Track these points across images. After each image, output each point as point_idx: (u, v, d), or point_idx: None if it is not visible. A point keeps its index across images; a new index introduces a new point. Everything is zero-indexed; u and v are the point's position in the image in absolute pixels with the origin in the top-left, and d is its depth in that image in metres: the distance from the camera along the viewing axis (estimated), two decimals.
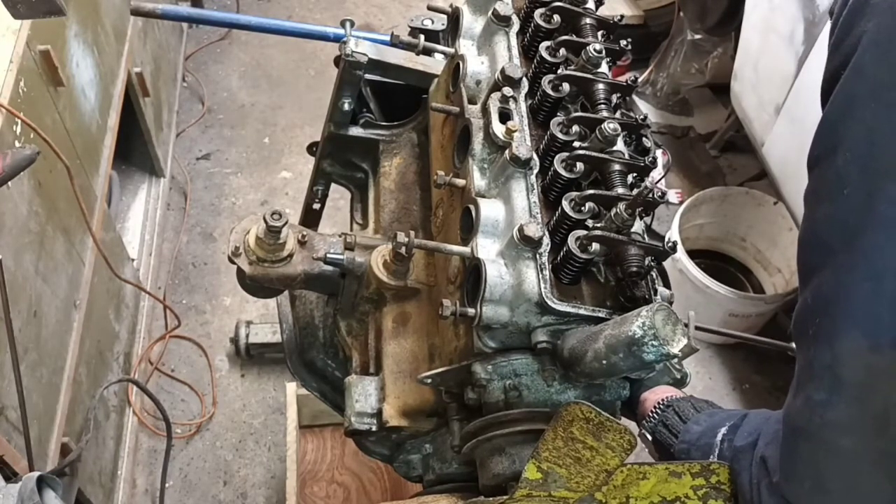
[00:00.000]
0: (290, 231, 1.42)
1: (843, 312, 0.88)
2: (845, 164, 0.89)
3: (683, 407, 1.26)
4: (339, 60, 1.52)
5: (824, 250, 0.91)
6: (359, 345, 1.52)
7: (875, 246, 0.85)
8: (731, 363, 3.12)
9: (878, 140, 0.86)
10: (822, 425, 0.91)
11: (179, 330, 3.02)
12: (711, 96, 3.86)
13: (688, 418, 1.23)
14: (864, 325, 0.86)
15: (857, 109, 0.89)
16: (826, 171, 0.92)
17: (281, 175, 3.63)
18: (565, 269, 1.14)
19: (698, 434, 1.19)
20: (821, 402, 0.91)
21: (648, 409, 1.30)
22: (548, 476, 1.06)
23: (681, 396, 1.30)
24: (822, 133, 0.94)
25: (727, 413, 1.21)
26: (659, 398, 1.30)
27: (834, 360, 0.88)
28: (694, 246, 3.22)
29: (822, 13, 2.33)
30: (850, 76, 0.90)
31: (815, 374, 0.92)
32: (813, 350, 0.92)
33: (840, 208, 0.90)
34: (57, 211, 2.02)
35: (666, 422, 1.25)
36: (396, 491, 2.42)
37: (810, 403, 0.92)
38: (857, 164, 0.88)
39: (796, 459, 0.96)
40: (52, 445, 1.91)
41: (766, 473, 1.01)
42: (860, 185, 0.87)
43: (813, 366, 0.93)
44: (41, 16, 1.42)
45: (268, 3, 4.44)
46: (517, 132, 1.23)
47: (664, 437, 1.25)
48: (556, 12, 1.41)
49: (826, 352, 0.89)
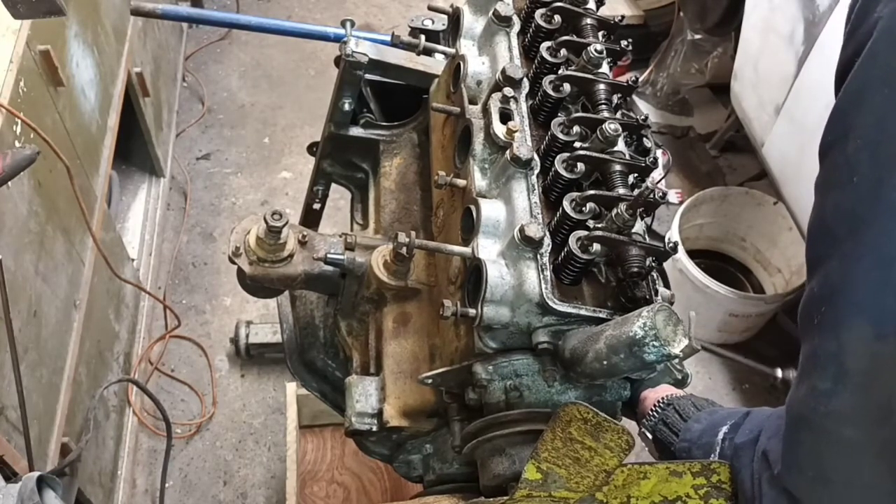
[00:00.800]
0: (291, 231, 1.42)
1: (849, 300, 0.87)
2: (856, 152, 0.87)
3: (684, 405, 1.25)
4: (340, 60, 1.52)
5: (832, 238, 0.90)
6: (359, 345, 1.52)
7: (883, 233, 0.84)
8: (730, 363, 3.12)
9: (890, 127, 0.85)
10: (825, 414, 0.90)
11: (179, 330, 3.02)
12: (711, 96, 3.86)
13: (688, 416, 1.23)
14: (870, 313, 0.84)
15: (870, 96, 0.87)
16: (836, 158, 0.91)
17: (281, 175, 3.63)
18: (566, 269, 1.14)
19: (699, 432, 1.18)
20: (825, 391, 0.89)
21: (649, 407, 1.29)
22: (547, 476, 1.06)
23: (681, 395, 1.30)
24: (833, 120, 0.93)
25: (728, 411, 1.21)
26: (659, 396, 1.29)
27: (839, 349, 0.87)
28: (694, 246, 3.22)
29: (821, 13, 2.33)
30: (864, 63, 0.89)
31: (819, 363, 0.91)
32: (818, 339, 0.91)
33: (849, 196, 0.88)
34: (57, 211, 2.02)
35: (666, 420, 1.25)
36: (396, 491, 2.42)
37: (814, 393, 0.91)
38: (867, 151, 0.86)
39: (798, 449, 0.96)
40: (52, 445, 1.91)
41: (768, 466, 1.00)
42: (870, 172, 0.86)
43: (818, 355, 0.91)
44: (41, 16, 1.42)
45: (268, 3, 4.44)
46: (518, 132, 1.23)
47: (665, 435, 1.24)
48: (557, 13, 1.41)
49: (832, 340, 0.88)
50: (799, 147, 2.55)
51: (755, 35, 2.80)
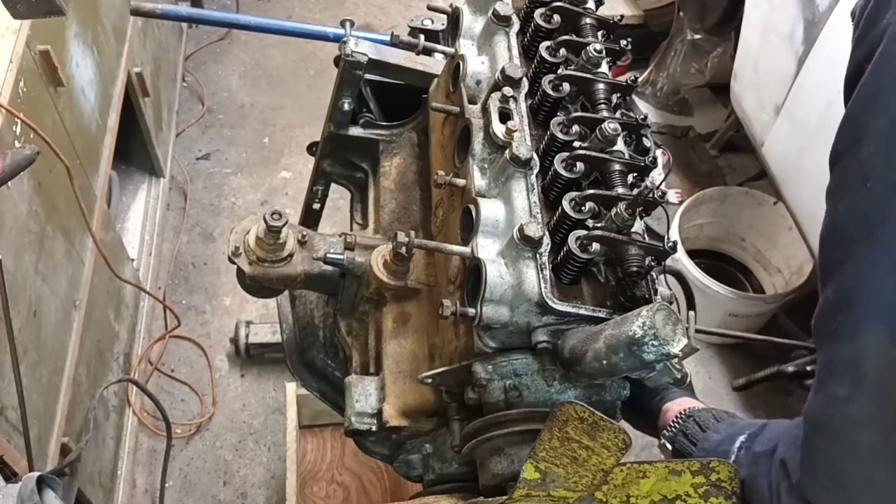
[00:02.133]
0: (290, 231, 1.42)
1: (865, 306, 0.86)
2: (869, 156, 0.87)
3: (704, 417, 1.26)
4: (339, 60, 1.52)
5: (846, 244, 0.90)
6: (359, 345, 1.52)
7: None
8: (730, 363, 3.12)
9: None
10: (842, 421, 0.90)
11: (179, 330, 3.02)
12: (711, 96, 3.86)
13: (708, 427, 1.23)
14: (886, 318, 0.84)
15: (882, 101, 0.87)
16: (849, 163, 0.91)
17: (281, 175, 3.63)
18: (565, 269, 1.14)
19: (717, 442, 1.18)
20: (842, 398, 0.89)
21: (670, 419, 1.30)
22: (546, 476, 1.06)
23: (702, 407, 1.30)
24: (845, 127, 0.93)
25: (747, 422, 1.20)
26: (681, 409, 1.30)
27: (856, 355, 0.87)
28: (694, 246, 3.22)
29: (821, 13, 2.33)
30: (875, 68, 0.89)
31: (836, 371, 0.91)
32: (835, 347, 0.91)
33: (863, 200, 0.88)
34: (57, 211, 2.02)
35: (686, 431, 1.25)
36: (396, 491, 2.42)
37: (831, 400, 0.91)
38: (880, 155, 0.86)
39: (816, 456, 0.95)
40: (52, 445, 1.91)
41: (787, 475, 1.00)
42: (883, 176, 0.85)
43: (834, 362, 0.91)
44: (41, 16, 1.42)
45: (268, 3, 4.44)
46: (517, 132, 1.23)
47: (683, 446, 1.24)
48: (557, 12, 1.41)
49: (849, 347, 0.88)
50: (799, 147, 2.55)
51: (755, 35, 2.80)
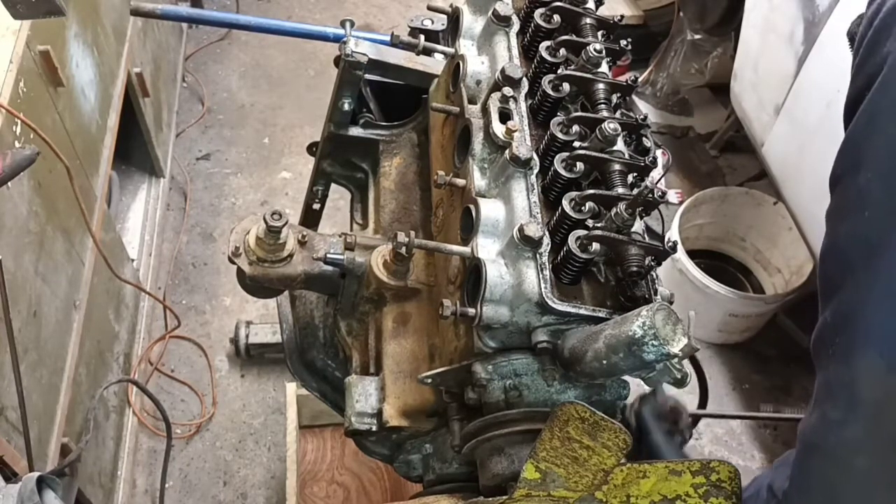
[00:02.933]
0: (290, 231, 1.42)
1: (862, 331, 0.87)
2: (867, 183, 0.88)
3: None
4: (339, 60, 1.52)
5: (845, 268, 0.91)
6: (359, 345, 1.52)
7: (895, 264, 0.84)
8: (730, 363, 3.12)
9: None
10: (836, 443, 0.91)
11: (179, 330, 3.02)
12: (711, 96, 3.86)
13: None
14: (881, 344, 0.85)
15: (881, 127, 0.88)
16: (848, 188, 0.91)
17: (281, 175, 3.63)
18: (565, 268, 1.14)
19: None
20: (837, 420, 0.90)
21: None
22: (546, 476, 1.06)
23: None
24: (845, 151, 0.93)
25: None
26: None
27: (851, 379, 0.87)
28: (694, 246, 3.22)
29: (821, 13, 2.33)
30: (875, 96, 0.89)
31: (832, 393, 0.91)
32: (832, 368, 0.91)
33: (861, 226, 0.89)
34: (57, 211, 2.02)
35: None
36: (396, 491, 2.42)
37: (826, 421, 0.92)
38: (879, 182, 0.87)
39: (810, 476, 0.96)
40: (52, 446, 1.91)
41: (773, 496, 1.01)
42: (882, 202, 0.86)
43: (830, 384, 0.92)
44: (41, 16, 1.42)
45: (268, 3, 4.44)
46: (517, 132, 1.23)
47: None
48: (556, 12, 1.41)
49: (844, 370, 0.89)
50: (799, 147, 2.55)
51: (755, 35, 2.80)
